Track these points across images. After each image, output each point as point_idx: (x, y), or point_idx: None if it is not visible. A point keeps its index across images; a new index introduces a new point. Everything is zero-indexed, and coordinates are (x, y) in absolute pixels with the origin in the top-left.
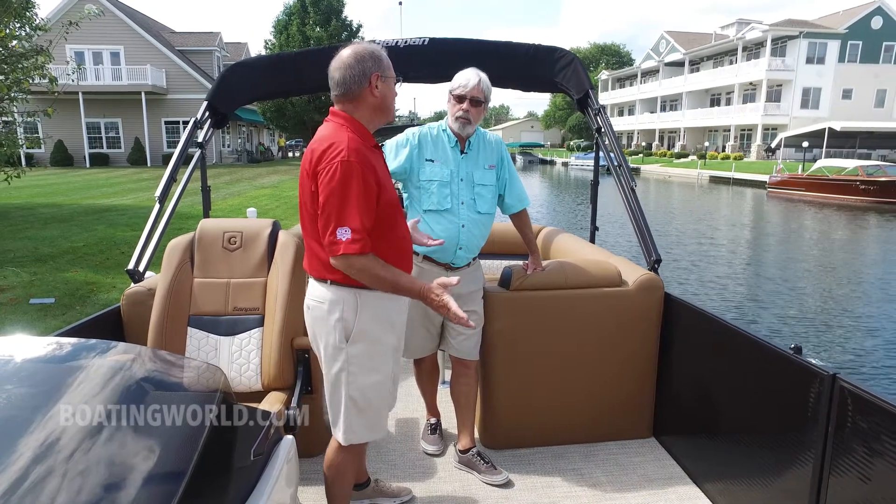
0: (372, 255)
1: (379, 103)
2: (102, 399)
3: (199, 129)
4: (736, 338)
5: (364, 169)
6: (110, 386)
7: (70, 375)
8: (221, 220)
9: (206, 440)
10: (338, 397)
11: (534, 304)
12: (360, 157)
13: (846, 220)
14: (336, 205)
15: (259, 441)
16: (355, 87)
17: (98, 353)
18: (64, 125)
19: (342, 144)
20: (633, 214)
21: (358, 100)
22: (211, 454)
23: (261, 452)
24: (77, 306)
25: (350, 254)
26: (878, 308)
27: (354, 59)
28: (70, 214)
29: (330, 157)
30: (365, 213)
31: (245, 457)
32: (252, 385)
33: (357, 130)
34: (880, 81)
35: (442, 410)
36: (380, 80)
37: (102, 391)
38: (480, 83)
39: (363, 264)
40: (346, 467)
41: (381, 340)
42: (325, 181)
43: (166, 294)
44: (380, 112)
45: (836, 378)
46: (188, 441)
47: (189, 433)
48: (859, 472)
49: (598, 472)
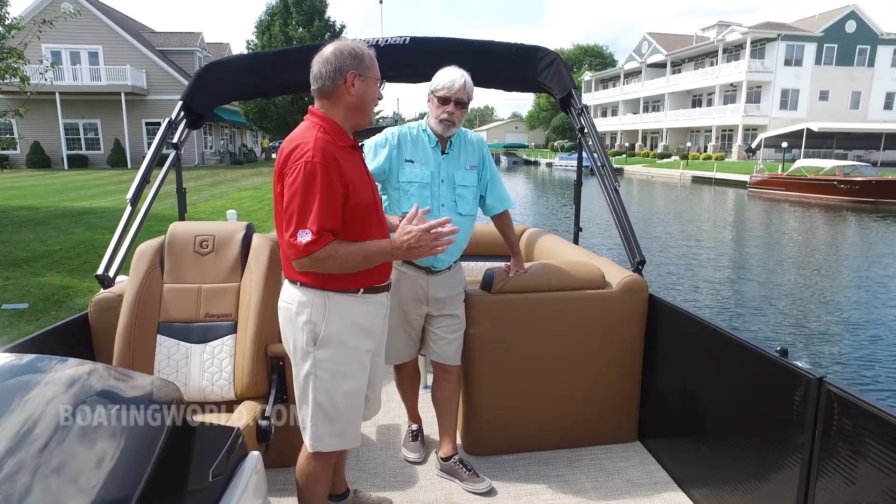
0: (335, 241)
1: (355, 102)
2: (38, 422)
3: (175, 130)
4: (721, 340)
5: (328, 170)
6: (49, 406)
7: (5, 396)
8: (193, 223)
9: (155, 463)
10: (306, 402)
11: (516, 307)
12: (324, 157)
13: (825, 219)
14: (297, 207)
15: (219, 460)
16: (330, 84)
17: (38, 370)
18: (40, 126)
19: (308, 145)
20: (616, 215)
21: (333, 97)
22: (161, 478)
23: (221, 472)
24: (52, 311)
25: (310, 253)
26: (861, 309)
27: (333, 54)
28: (46, 217)
29: (294, 159)
30: (327, 215)
31: (202, 478)
32: (225, 394)
33: (330, 129)
34: (855, 84)
35: (424, 416)
36: (357, 78)
37: (40, 412)
38: (465, 84)
39: (324, 254)
40: (318, 475)
41: (352, 346)
42: (289, 183)
43: (134, 300)
44: (356, 112)
45: (822, 381)
46: (135, 465)
47: (137, 456)
48: (846, 475)
49: (583, 478)
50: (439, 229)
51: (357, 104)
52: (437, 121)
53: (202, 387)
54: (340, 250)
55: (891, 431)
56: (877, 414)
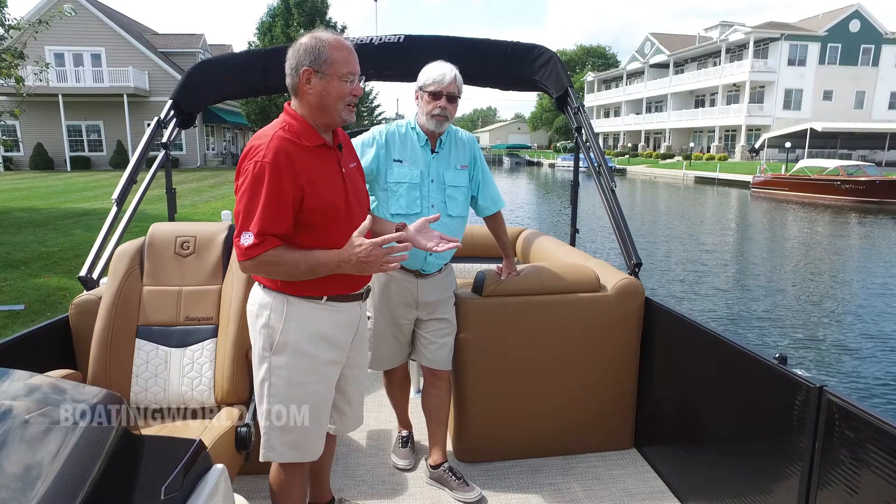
0: (282, 246)
1: (315, 101)
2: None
3: (164, 129)
4: (719, 346)
5: (278, 171)
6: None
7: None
8: (174, 223)
9: (96, 480)
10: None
11: (508, 311)
12: (276, 158)
13: (828, 219)
14: (243, 208)
15: (175, 476)
16: (290, 81)
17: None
18: (43, 127)
19: (263, 145)
20: (612, 216)
21: (297, 94)
22: (104, 495)
23: (177, 488)
24: (48, 313)
25: (251, 257)
26: (862, 317)
27: (294, 49)
28: (47, 218)
29: (248, 158)
30: (270, 218)
31: (153, 496)
32: (204, 400)
33: (297, 128)
34: (859, 83)
35: (414, 422)
36: (314, 75)
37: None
38: (456, 78)
39: (267, 258)
40: (289, 485)
41: (311, 354)
42: (239, 184)
43: (112, 303)
44: (318, 111)
45: (822, 390)
46: (73, 484)
47: (75, 474)
48: (847, 485)
49: (576, 487)
50: (393, 244)
51: (318, 102)
52: (428, 116)
53: (182, 392)
54: (283, 257)
55: (893, 442)
56: (878, 425)
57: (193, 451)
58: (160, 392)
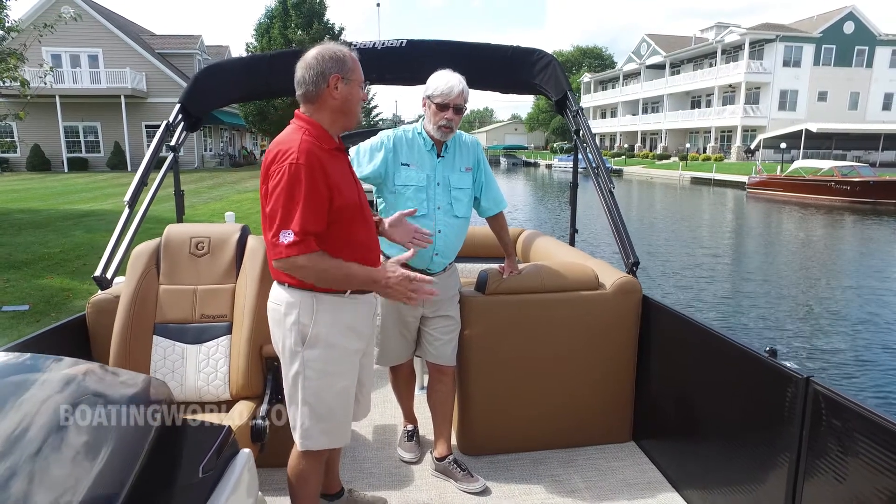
0: (319, 252)
1: (339, 105)
2: (33, 420)
3: (173, 133)
4: (712, 340)
5: (312, 172)
6: (44, 405)
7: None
8: (189, 225)
9: (145, 458)
10: (295, 402)
11: (510, 308)
12: (309, 159)
13: (821, 220)
14: (281, 208)
15: (210, 456)
16: (314, 88)
17: (33, 368)
18: (40, 129)
19: (293, 147)
20: (611, 217)
21: (318, 101)
22: (152, 471)
23: (212, 468)
24: (52, 313)
25: (291, 256)
26: (857, 311)
27: (315, 59)
28: (47, 220)
29: (280, 161)
30: (310, 216)
31: (192, 474)
32: (220, 394)
33: (315, 133)
34: (853, 84)
35: (419, 417)
36: (340, 81)
37: (35, 410)
38: (463, 90)
39: (304, 262)
40: (309, 473)
41: (341, 346)
42: (274, 184)
43: (130, 302)
44: (340, 115)
45: (809, 381)
46: (126, 461)
47: (127, 452)
48: (834, 473)
49: (577, 478)
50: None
51: (342, 107)
52: (435, 127)
53: (198, 387)
54: (321, 264)
55: (876, 430)
56: (863, 413)
57: (224, 435)
58: (177, 387)
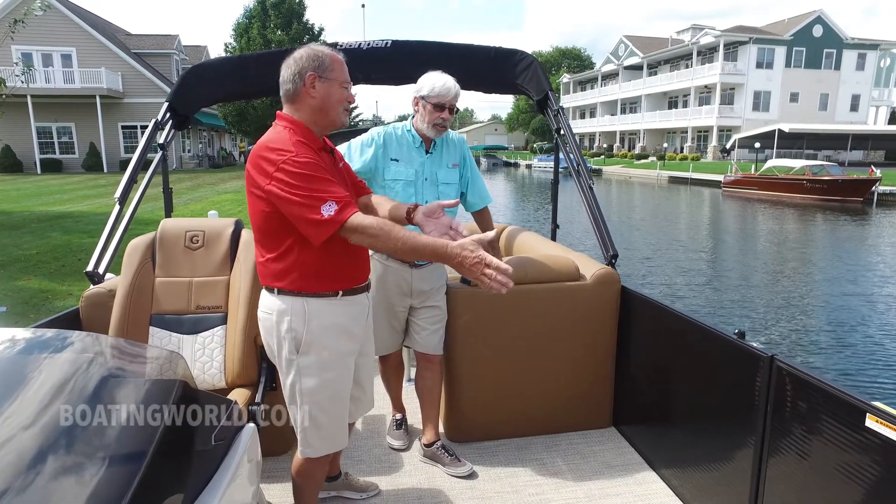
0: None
1: (318, 104)
2: (65, 386)
3: (160, 131)
4: (686, 326)
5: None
6: (72, 374)
7: (31, 366)
8: (183, 219)
9: (167, 422)
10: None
11: (495, 299)
12: (307, 151)
13: (792, 216)
14: (304, 194)
15: (220, 427)
16: (292, 87)
17: (57, 344)
18: (11, 129)
19: (289, 145)
20: (590, 211)
21: (297, 100)
22: (172, 436)
23: (222, 438)
24: (31, 315)
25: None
26: (820, 299)
27: (294, 58)
28: (21, 221)
29: (277, 163)
30: (337, 186)
31: (206, 441)
32: (216, 382)
33: (300, 132)
34: (823, 86)
35: (407, 407)
36: (318, 80)
37: (65, 379)
38: (458, 92)
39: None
40: (314, 471)
41: (334, 348)
42: (285, 182)
43: (127, 293)
44: (321, 113)
45: (773, 359)
46: (150, 424)
47: (151, 416)
48: (797, 449)
49: (560, 462)
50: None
51: (321, 105)
52: (430, 126)
53: (194, 376)
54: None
55: (837, 405)
56: (824, 388)
57: (233, 408)
58: None
